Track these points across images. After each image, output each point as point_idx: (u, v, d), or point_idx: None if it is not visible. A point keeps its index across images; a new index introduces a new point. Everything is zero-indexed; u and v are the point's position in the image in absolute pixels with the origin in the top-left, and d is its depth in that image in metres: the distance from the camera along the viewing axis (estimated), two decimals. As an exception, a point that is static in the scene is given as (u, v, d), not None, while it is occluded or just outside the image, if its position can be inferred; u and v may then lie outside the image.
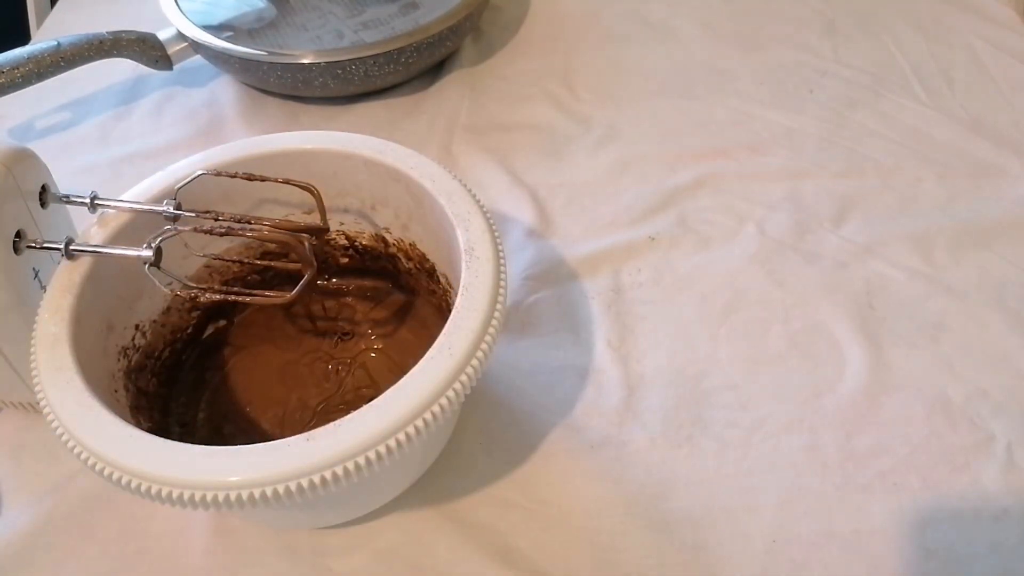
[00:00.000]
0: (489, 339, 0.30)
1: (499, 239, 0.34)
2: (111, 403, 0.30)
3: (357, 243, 0.42)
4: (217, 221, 0.35)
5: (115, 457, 0.27)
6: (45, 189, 0.36)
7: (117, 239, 0.35)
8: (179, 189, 0.35)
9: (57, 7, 0.73)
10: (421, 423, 0.28)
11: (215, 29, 0.58)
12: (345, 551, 0.37)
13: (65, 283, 0.33)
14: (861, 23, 0.66)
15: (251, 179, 0.36)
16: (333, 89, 0.58)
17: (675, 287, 0.47)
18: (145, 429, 0.29)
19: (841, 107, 0.58)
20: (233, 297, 0.33)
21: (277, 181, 0.36)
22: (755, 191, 0.52)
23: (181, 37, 0.59)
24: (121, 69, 0.63)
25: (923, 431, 0.40)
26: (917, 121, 0.57)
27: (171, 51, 0.59)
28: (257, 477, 0.26)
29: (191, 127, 0.59)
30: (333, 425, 0.28)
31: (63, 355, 0.30)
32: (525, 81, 0.62)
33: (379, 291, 0.44)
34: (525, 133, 0.58)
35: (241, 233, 0.35)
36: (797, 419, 0.41)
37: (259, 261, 0.41)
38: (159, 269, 0.32)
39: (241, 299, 0.33)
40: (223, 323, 0.43)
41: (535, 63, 0.64)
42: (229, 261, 0.41)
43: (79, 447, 0.28)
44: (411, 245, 0.41)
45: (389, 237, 0.41)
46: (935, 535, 0.36)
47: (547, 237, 0.50)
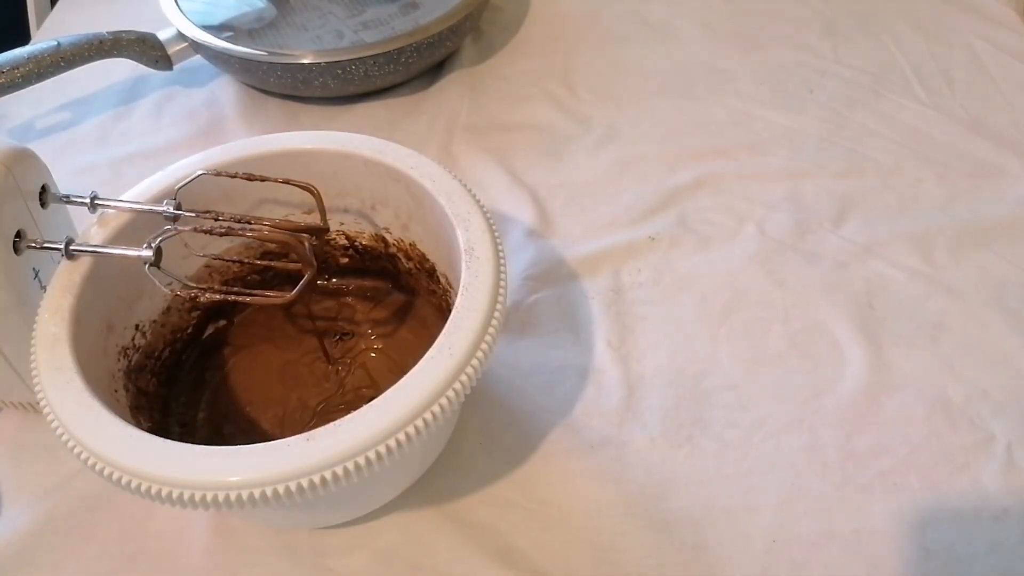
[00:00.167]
0: (489, 339, 0.30)
1: (499, 239, 0.34)
2: (111, 403, 0.30)
3: (357, 243, 0.42)
4: (217, 221, 0.35)
5: (115, 457, 0.27)
6: (45, 189, 0.36)
7: (117, 239, 0.35)
8: (179, 189, 0.35)
9: (57, 7, 0.73)
10: (421, 423, 0.28)
11: (215, 29, 0.58)
12: (345, 551, 0.37)
13: (65, 283, 0.33)
14: (861, 23, 0.66)
15: (251, 179, 0.36)
16: (333, 89, 0.58)
17: (675, 287, 0.47)
18: (145, 429, 0.29)
19: (841, 107, 0.58)
20: (233, 297, 0.33)
21: (277, 181, 0.36)
22: (755, 191, 0.52)
23: (181, 37, 0.59)
24: (121, 69, 0.63)
25: (923, 431, 0.40)
26: (917, 121, 0.57)
27: (171, 51, 0.59)
28: (257, 477, 0.26)
29: (191, 127, 0.59)
30: (333, 425, 0.28)
31: (63, 355, 0.30)
32: (525, 81, 0.62)
33: (379, 291, 0.44)
34: (525, 133, 0.58)
35: (241, 233, 0.35)
36: (797, 419, 0.41)
37: (259, 261, 0.41)
38: (159, 269, 0.32)
39: (241, 299, 0.33)
40: (223, 323, 0.43)
41: (535, 63, 0.64)
42: (229, 261, 0.41)
43: (79, 447, 0.28)
44: (411, 245, 0.41)
45: (389, 237, 0.41)
46: (935, 535, 0.36)
47: (547, 237, 0.50)
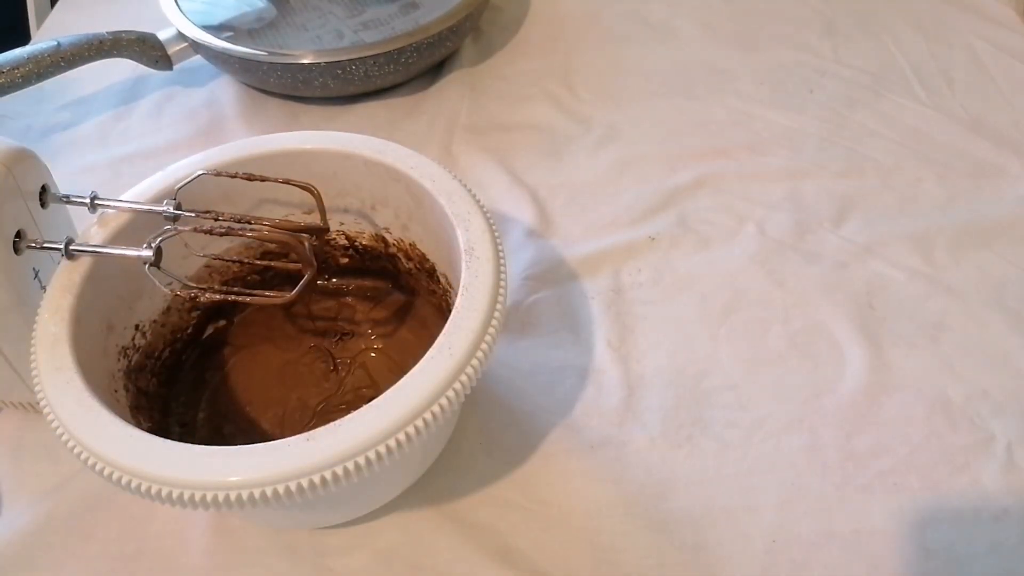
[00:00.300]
0: (489, 339, 0.30)
1: (499, 239, 0.34)
2: (111, 403, 0.30)
3: (357, 243, 0.42)
4: (217, 221, 0.35)
5: (115, 457, 0.27)
6: (45, 189, 0.36)
7: (117, 239, 0.35)
8: (179, 189, 0.35)
9: (57, 7, 0.73)
10: (421, 423, 0.28)
11: (215, 29, 0.58)
12: (345, 551, 0.37)
13: (65, 283, 0.33)
14: (861, 23, 0.66)
15: (251, 179, 0.36)
16: (333, 89, 0.58)
17: (675, 287, 0.47)
18: (145, 429, 0.29)
19: (841, 107, 0.58)
20: (233, 297, 0.33)
21: (277, 181, 0.36)
22: (755, 191, 0.52)
23: (181, 37, 0.59)
24: (121, 69, 0.63)
25: (923, 431, 0.40)
26: (917, 121, 0.57)
27: (171, 51, 0.59)
28: (257, 477, 0.26)
29: (191, 127, 0.59)
30: (333, 425, 0.28)
31: (63, 355, 0.30)
32: (525, 81, 0.62)
33: (379, 291, 0.44)
34: (525, 133, 0.58)
35: (241, 233, 0.35)
36: (797, 419, 0.41)
37: (259, 261, 0.41)
38: (159, 269, 0.32)
39: (241, 299, 0.33)
40: (223, 323, 0.43)
41: (535, 63, 0.64)
42: (229, 261, 0.41)
43: (79, 447, 0.28)
44: (411, 245, 0.41)
45: (389, 237, 0.41)
46: (935, 535, 0.36)
47: (547, 237, 0.50)
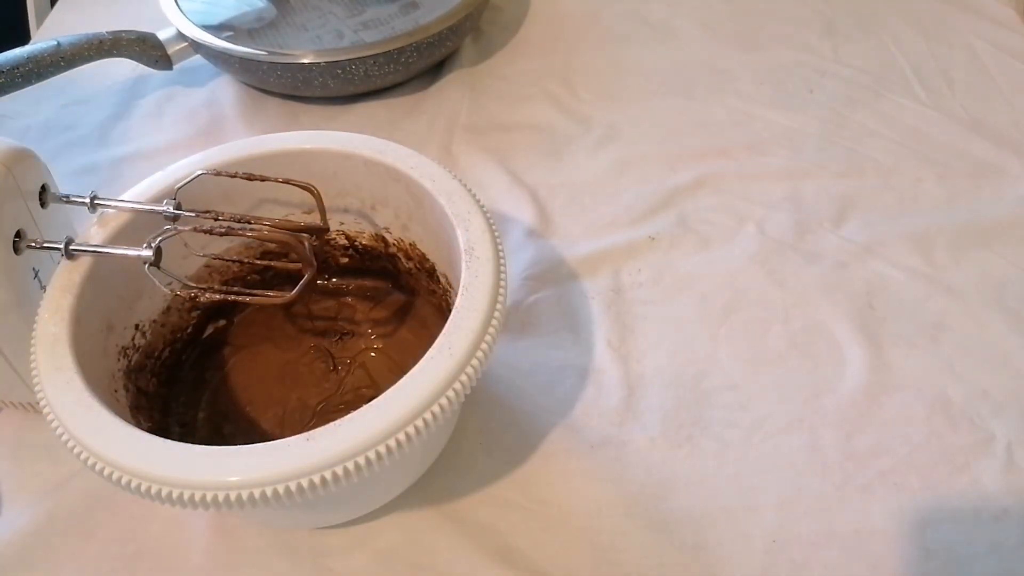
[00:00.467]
0: (489, 339, 0.30)
1: (499, 239, 0.34)
2: (111, 403, 0.30)
3: (357, 243, 0.42)
4: (217, 221, 0.35)
5: (115, 457, 0.27)
6: (45, 189, 0.36)
7: (117, 239, 0.35)
8: (179, 189, 0.35)
9: (57, 7, 0.73)
10: (421, 423, 0.28)
11: (215, 29, 0.58)
12: (345, 551, 0.37)
13: (65, 283, 0.33)
14: (861, 23, 0.66)
15: (251, 179, 0.36)
16: (333, 89, 0.58)
17: (675, 287, 0.47)
18: (145, 429, 0.29)
19: (841, 107, 0.58)
20: (233, 297, 0.33)
21: (277, 181, 0.36)
22: (755, 191, 0.52)
23: (181, 37, 0.59)
24: (121, 69, 0.62)
25: (923, 431, 0.40)
26: (917, 121, 0.57)
27: (171, 51, 0.59)
28: (257, 477, 0.26)
29: (191, 127, 0.59)
30: (333, 425, 0.28)
31: (63, 355, 0.30)
32: (525, 81, 0.62)
33: (379, 291, 0.44)
34: (525, 133, 0.58)
35: (241, 233, 0.35)
36: (797, 419, 0.41)
37: (259, 261, 0.41)
38: (159, 269, 0.32)
39: (241, 299, 0.33)
40: (223, 323, 0.43)
41: (535, 63, 0.64)
42: (229, 261, 0.41)
43: (79, 447, 0.28)
44: (411, 245, 0.41)
45: (389, 237, 0.41)
46: (935, 535, 0.36)
47: (547, 237, 0.50)
